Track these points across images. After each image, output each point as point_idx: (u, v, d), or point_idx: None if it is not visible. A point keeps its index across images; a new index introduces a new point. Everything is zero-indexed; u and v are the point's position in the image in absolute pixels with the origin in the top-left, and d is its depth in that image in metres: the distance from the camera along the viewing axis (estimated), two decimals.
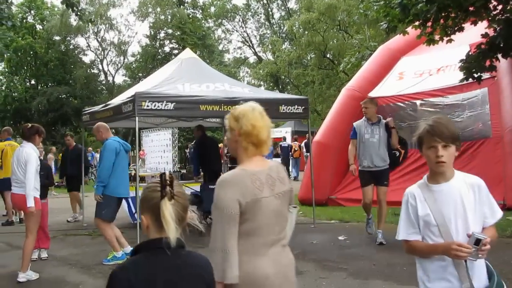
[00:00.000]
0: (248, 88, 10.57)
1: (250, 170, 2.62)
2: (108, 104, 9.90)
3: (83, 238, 9.41)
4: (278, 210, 2.65)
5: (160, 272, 1.99)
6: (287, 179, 2.81)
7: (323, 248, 7.86)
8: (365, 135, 8.04)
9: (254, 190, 2.54)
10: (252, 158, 2.69)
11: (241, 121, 2.69)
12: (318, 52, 36.53)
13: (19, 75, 44.04)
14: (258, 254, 2.55)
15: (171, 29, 43.74)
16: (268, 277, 2.54)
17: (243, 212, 2.51)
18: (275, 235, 2.65)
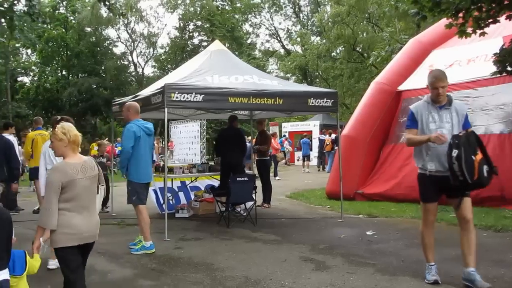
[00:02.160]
0: (277, 81, 10.50)
1: (71, 162, 4.09)
2: (137, 95, 9.95)
3: (111, 228, 9.50)
4: (88, 186, 4.14)
5: None
6: (96, 168, 4.28)
7: (350, 243, 7.77)
8: (430, 124, 5.40)
9: (72, 174, 4.00)
10: (74, 155, 4.15)
11: (68, 134, 4.11)
12: (348, 45, 36.23)
13: (51, 65, 44.64)
14: (74, 211, 4.05)
15: (200, 21, 43.92)
16: (78, 225, 4.04)
17: (63, 187, 3.94)
18: (86, 202, 4.15)
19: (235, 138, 10.98)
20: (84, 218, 4.09)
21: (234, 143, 10.86)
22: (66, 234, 3.97)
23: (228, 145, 10.88)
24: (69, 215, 3.99)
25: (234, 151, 10.81)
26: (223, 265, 6.47)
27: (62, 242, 3.98)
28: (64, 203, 3.96)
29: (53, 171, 4.10)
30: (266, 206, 11.75)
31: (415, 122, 5.49)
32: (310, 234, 8.59)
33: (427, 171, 5.39)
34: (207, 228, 9.36)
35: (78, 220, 4.03)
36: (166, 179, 8.89)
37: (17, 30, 14.95)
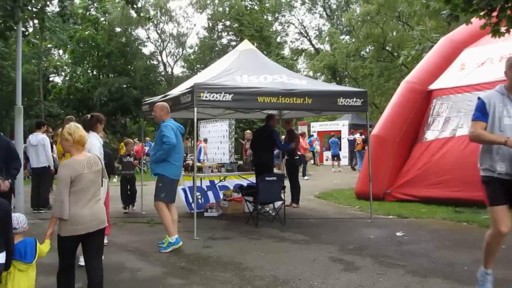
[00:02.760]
0: (306, 80, 10.47)
1: (77, 159, 4.55)
2: (167, 95, 10.02)
3: (141, 226, 9.60)
4: (93, 180, 4.59)
5: None
6: (99, 163, 4.75)
7: (380, 244, 7.70)
8: (505, 119, 4.64)
9: (79, 169, 4.46)
10: (80, 153, 4.61)
11: (73, 135, 4.56)
12: (377, 44, 35.95)
13: (82, 66, 45.26)
14: (81, 203, 4.44)
15: (229, 21, 43.98)
16: (84, 215, 4.43)
17: (72, 180, 4.39)
18: (92, 194, 4.56)
19: (266, 137, 11.00)
20: (90, 209, 4.52)
21: (264, 142, 10.89)
22: (73, 224, 4.38)
23: (259, 144, 10.93)
24: (77, 206, 4.42)
25: (264, 150, 10.84)
26: (251, 265, 6.47)
27: (69, 231, 4.38)
28: (73, 195, 4.42)
29: (62, 167, 4.56)
30: (295, 206, 11.72)
31: (485, 115, 4.68)
32: (339, 234, 8.54)
33: (495, 173, 4.66)
34: (235, 227, 9.38)
35: (85, 210, 4.47)
36: (195, 178, 8.93)
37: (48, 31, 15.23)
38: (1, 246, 3.87)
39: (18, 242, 4.19)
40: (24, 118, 11.00)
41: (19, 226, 4.29)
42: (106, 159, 7.50)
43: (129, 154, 11.65)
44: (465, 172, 10.44)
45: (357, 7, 37.16)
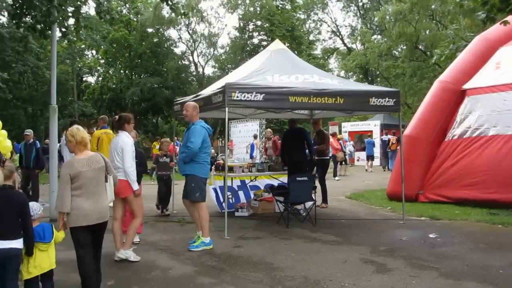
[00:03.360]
0: (338, 80, 10.40)
1: (78, 158, 5.05)
2: (198, 95, 10.07)
3: (172, 225, 9.66)
4: (94, 177, 5.05)
5: None
6: (102, 161, 5.23)
7: (412, 246, 7.60)
8: None
9: (78, 167, 4.94)
10: (81, 152, 5.10)
11: (75, 137, 5.06)
12: (410, 44, 35.51)
13: (115, 66, 45.90)
14: (83, 197, 4.95)
15: (260, 21, 44.02)
16: (85, 208, 4.93)
17: (72, 178, 4.89)
18: (92, 189, 5.03)
19: (298, 137, 10.99)
20: (93, 203, 5.02)
21: (296, 142, 10.88)
22: (76, 216, 4.93)
23: (291, 145, 10.93)
24: (79, 200, 4.93)
25: (297, 150, 10.84)
26: (282, 265, 6.46)
27: (73, 222, 4.95)
28: (74, 191, 4.93)
29: (63, 166, 5.20)
30: (324, 206, 11.66)
31: None
32: (371, 235, 8.46)
33: None
34: (266, 227, 9.37)
35: (86, 204, 4.96)
36: (226, 178, 8.96)
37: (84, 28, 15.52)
38: (19, 234, 4.47)
39: (36, 226, 4.73)
40: (59, 118, 11.19)
41: (35, 213, 4.78)
42: (138, 158, 7.60)
43: (166, 155, 11.25)
44: (500, 173, 10.28)
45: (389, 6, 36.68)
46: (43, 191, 13.14)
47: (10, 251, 4.38)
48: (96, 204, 5.05)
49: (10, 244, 4.38)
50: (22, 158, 12.40)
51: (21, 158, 12.46)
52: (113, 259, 6.89)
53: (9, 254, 4.39)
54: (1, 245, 4.34)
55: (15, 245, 4.42)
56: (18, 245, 4.45)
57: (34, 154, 12.26)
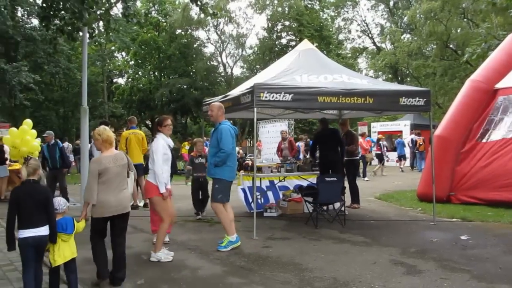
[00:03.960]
0: (367, 80, 10.32)
1: (105, 155, 5.65)
2: (227, 95, 10.10)
3: (201, 225, 9.71)
4: (118, 172, 5.64)
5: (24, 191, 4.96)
6: (125, 158, 5.79)
7: (443, 247, 7.49)
8: None
9: (105, 164, 5.53)
10: (108, 150, 5.70)
11: (101, 136, 5.69)
12: (440, 42, 35.01)
13: (144, 67, 46.35)
14: (108, 192, 5.52)
15: (288, 21, 43.95)
16: (110, 201, 5.51)
17: (100, 173, 5.48)
18: (117, 184, 5.63)
19: (331, 137, 10.92)
20: (116, 195, 5.59)
21: (330, 143, 10.82)
22: (101, 208, 5.53)
23: (324, 145, 10.87)
24: (105, 193, 5.51)
25: (330, 150, 10.78)
26: (311, 266, 6.44)
27: (98, 213, 5.58)
28: (101, 185, 5.52)
29: (92, 162, 5.69)
30: (356, 206, 11.59)
31: None
32: (401, 237, 8.37)
33: None
34: (295, 228, 9.35)
35: (111, 197, 5.54)
36: (255, 178, 8.96)
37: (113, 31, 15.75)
38: (45, 221, 4.96)
39: (60, 219, 5.18)
40: (89, 119, 11.32)
41: (60, 208, 5.25)
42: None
43: (201, 155, 10.97)
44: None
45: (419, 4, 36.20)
46: (74, 191, 13.36)
47: (41, 237, 4.94)
48: (119, 196, 5.65)
49: (39, 231, 4.92)
50: (47, 160, 12.25)
51: (46, 160, 12.27)
52: (143, 258, 6.97)
53: (41, 240, 4.95)
54: (32, 233, 4.89)
55: (43, 232, 4.95)
56: (45, 232, 4.97)
57: (58, 154, 12.23)
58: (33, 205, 4.92)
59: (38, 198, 4.97)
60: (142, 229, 9.33)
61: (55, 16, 10.57)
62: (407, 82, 41.75)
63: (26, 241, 4.90)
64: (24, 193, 4.97)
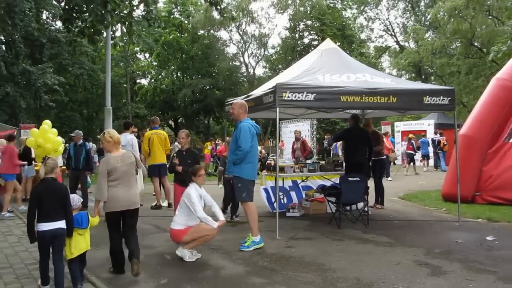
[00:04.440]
0: (390, 79, 10.21)
1: (113, 155, 6.15)
2: (249, 95, 10.09)
3: (224, 225, 9.70)
4: (126, 171, 6.10)
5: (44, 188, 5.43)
6: (132, 157, 6.26)
7: (469, 248, 7.39)
8: None
9: (113, 163, 6.01)
10: (116, 150, 6.22)
11: (112, 138, 6.22)
12: (465, 40, 34.53)
13: (167, 68, 46.65)
14: (118, 187, 6.00)
15: (310, 20, 43.84)
16: (119, 197, 5.98)
17: (109, 172, 5.96)
18: (126, 181, 6.08)
19: (361, 137, 10.71)
20: (125, 192, 6.06)
21: (359, 142, 10.66)
22: (112, 203, 6.02)
23: (353, 144, 10.69)
24: (114, 190, 6.00)
25: (358, 151, 10.60)
26: (334, 266, 6.41)
27: (109, 208, 6.07)
28: (111, 182, 6.01)
29: (101, 163, 6.27)
30: (379, 207, 11.49)
31: None
32: (425, 237, 8.28)
33: None
34: (317, 228, 9.31)
35: (120, 193, 6.02)
36: (278, 178, 8.94)
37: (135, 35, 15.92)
38: (62, 216, 5.41)
39: (75, 214, 5.65)
40: (113, 119, 11.44)
41: (74, 204, 5.74)
42: (191, 158, 7.75)
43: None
44: None
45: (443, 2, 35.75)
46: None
47: (57, 230, 5.37)
48: (128, 193, 6.11)
49: (56, 225, 5.36)
50: (71, 159, 12.14)
51: (70, 159, 12.21)
52: (166, 258, 7.01)
53: (57, 233, 5.37)
54: (50, 226, 5.33)
55: (60, 225, 5.40)
56: (63, 226, 5.42)
57: (83, 156, 12.04)
58: (51, 201, 5.38)
59: (56, 194, 5.44)
60: (165, 229, 9.35)
61: (77, 19, 10.68)
62: (430, 81, 41.29)
63: (44, 234, 5.33)
64: (43, 190, 5.45)
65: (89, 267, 6.33)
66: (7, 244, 8.39)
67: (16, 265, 6.90)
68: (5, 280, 6.17)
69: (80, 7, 10.24)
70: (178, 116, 47.27)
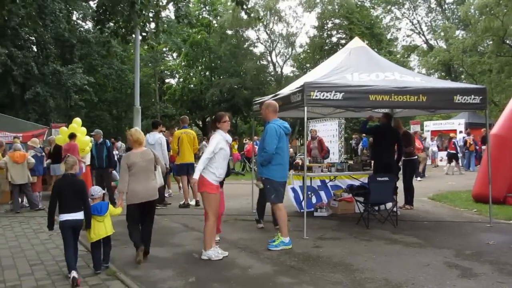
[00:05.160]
0: (420, 77, 10.08)
1: (134, 152, 6.82)
2: (277, 94, 10.07)
3: (252, 224, 9.70)
4: (144, 166, 6.76)
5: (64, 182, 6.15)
6: (151, 154, 6.94)
7: (500, 250, 7.25)
8: None
9: (134, 158, 6.69)
10: (137, 148, 6.86)
11: (132, 136, 6.90)
12: (497, 38, 33.92)
13: (195, 68, 46.90)
14: (136, 182, 6.66)
15: (339, 19, 43.57)
16: (138, 190, 6.64)
17: (129, 167, 6.64)
18: (144, 175, 6.74)
19: (392, 137, 10.59)
20: (143, 185, 6.72)
21: (389, 142, 10.54)
22: (131, 196, 6.72)
23: (381, 144, 10.57)
24: (134, 184, 6.70)
25: (387, 151, 10.47)
26: (362, 266, 6.36)
27: (129, 200, 6.75)
28: (131, 176, 6.71)
29: (123, 158, 7.06)
30: (408, 207, 11.36)
31: None
32: (455, 238, 8.15)
33: None
34: (346, 227, 9.25)
35: (139, 187, 6.71)
36: (306, 178, 8.91)
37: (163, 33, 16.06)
38: (80, 208, 6.10)
39: (96, 203, 6.42)
40: (142, 118, 11.56)
41: (95, 194, 6.55)
42: None
43: None
44: None
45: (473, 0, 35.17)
46: None
47: (77, 220, 6.07)
48: (146, 186, 6.77)
49: (75, 216, 6.06)
50: (94, 158, 12.46)
51: (93, 158, 12.52)
52: (194, 256, 7.06)
53: (78, 222, 6.09)
54: (69, 216, 6.03)
55: (78, 216, 6.09)
56: (80, 217, 6.11)
57: (105, 154, 12.32)
58: (71, 194, 6.08)
59: (74, 188, 6.13)
60: (193, 227, 9.43)
61: (109, 20, 10.81)
62: (461, 80, 40.69)
63: (64, 224, 6.04)
64: (63, 184, 6.17)
65: (118, 265, 6.55)
66: (38, 241, 8.54)
67: (47, 262, 7.03)
68: (37, 276, 6.29)
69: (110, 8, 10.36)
70: (206, 116, 47.45)
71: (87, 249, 7.40)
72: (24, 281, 6.11)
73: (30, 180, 12.37)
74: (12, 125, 18.03)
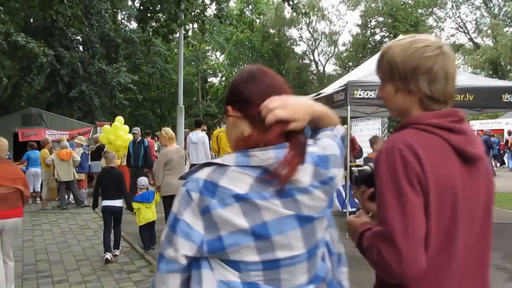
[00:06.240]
0: (466, 76, 9.87)
1: (169, 149, 7.83)
2: (320, 93, 10.04)
3: None
4: (178, 162, 7.83)
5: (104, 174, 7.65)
6: (183, 152, 8.26)
7: None
8: None
9: (171, 155, 7.74)
10: (171, 145, 7.96)
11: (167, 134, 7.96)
12: None
13: (237, 66, 47.09)
14: (171, 176, 7.57)
15: (382, 17, 43.04)
16: (172, 183, 7.49)
17: (165, 163, 7.68)
18: (178, 170, 7.64)
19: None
20: (177, 179, 7.26)
21: None
22: (166, 188, 7.57)
23: None
24: (169, 177, 7.55)
25: None
26: None
27: (164, 193, 7.59)
28: (166, 171, 7.62)
29: (160, 154, 8.08)
30: None
31: None
32: (503, 241, 7.96)
33: None
34: None
35: (173, 180, 7.48)
36: (348, 177, 8.83)
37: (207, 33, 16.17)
38: (119, 196, 7.25)
39: (144, 192, 7.70)
40: (185, 117, 11.66)
41: (142, 184, 7.88)
42: None
43: None
44: None
45: None
46: None
47: (115, 207, 7.21)
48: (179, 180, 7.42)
49: (114, 203, 7.18)
50: (131, 157, 12.19)
51: (129, 156, 12.25)
52: None
53: (115, 209, 7.23)
54: (109, 203, 7.15)
55: (118, 204, 7.24)
56: (119, 204, 7.30)
57: (142, 153, 12.05)
58: (110, 184, 7.23)
59: (113, 179, 7.30)
60: None
61: (151, 18, 10.95)
62: (509, 78, 39.64)
63: (105, 209, 7.19)
64: (104, 175, 7.44)
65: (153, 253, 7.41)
66: (84, 237, 8.75)
67: (92, 258, 7.20)
68: (82, 272, 6.44)
69: (154, 6, 10.48)
70: None
71: (130, 245, 7.56)
72: (70, 276, 6.27)
73: (76, 178, 12.66)
74: (59, 123, 18.45)
